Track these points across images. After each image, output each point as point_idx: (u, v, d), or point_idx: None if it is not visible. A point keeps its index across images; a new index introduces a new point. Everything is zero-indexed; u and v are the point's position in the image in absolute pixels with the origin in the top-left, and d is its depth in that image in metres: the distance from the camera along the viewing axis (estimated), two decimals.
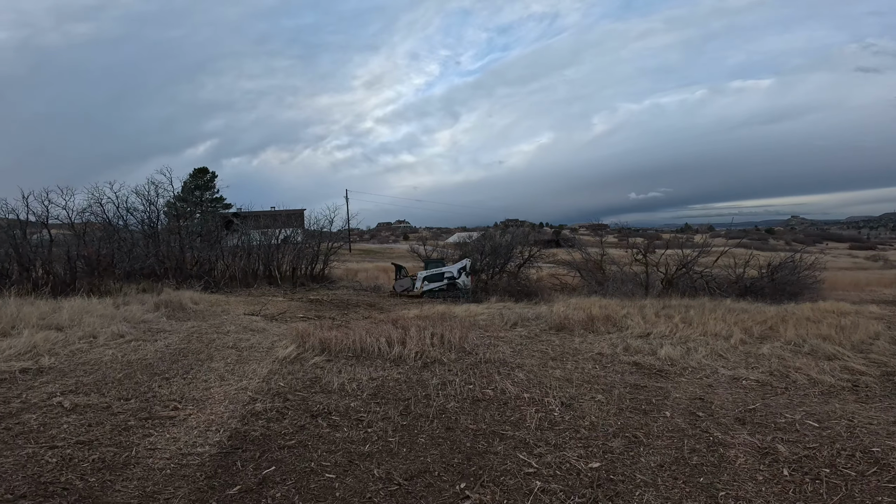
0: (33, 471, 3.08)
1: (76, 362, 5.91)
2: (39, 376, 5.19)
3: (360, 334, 7.93)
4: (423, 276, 19.14)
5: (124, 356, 6.41)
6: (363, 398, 5.22)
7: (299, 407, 4.88)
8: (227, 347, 7.49)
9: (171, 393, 4.99)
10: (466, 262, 19.24)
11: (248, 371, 6.16)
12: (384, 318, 11.28)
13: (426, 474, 3.50)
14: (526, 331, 9.63)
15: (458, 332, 8.39)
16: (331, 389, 5.49)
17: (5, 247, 12.85)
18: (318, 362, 6.76)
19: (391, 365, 6.74)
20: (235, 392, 5.25)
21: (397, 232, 76.02)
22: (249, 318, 10.96)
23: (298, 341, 7.74)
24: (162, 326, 9.01)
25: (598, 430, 4.20)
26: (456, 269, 19.09)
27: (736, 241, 23.69)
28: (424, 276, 19.10)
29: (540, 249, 19.57)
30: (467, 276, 18.87)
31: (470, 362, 6.87)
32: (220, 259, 20.43)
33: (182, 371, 5.92)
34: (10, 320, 7.74)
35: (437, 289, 18.85)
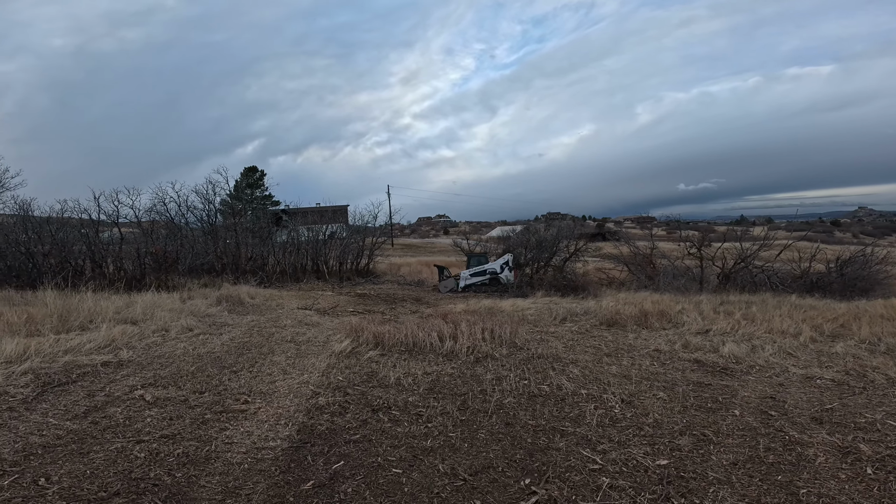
0: (124, 466, 3.17)
1: (152, 355, 6.23)
2: (120, 369, 5.50)
3: (412, 329, 7.99)
4: (466, 274, 19.04)
5: (194, 349, 6.70)
6: (420, 393, 5.25)
7: (359, 401, 4.96)
8: (286, 341, 7.71)
9: (240, 386, 5.18)
10: (509, 257, 19.10)
11: (307, 365, 6.31)
12: (432, 313, 11.34)
13: (490, 469, 3.48)
14: (576, 326, 9.46)
15: (508, 328, 8.33)
16: (388, 384, 5.56)
17: (79, 244, 13.71)
18: (372, 356, 6.87)
19: (444, 360, 6.75)
20: (298, 386, 5.39)
21: (437, 226, 76.20)
22: (303, 312, 11.26)
23: (352, 336, 7.88)
24: (224, 320, 9.38)
25: (664, 428, 4.10)
26: (498, 264, 18.96)
27: (800, 234, 22.33)
28: (468, 274, 19.01)
29: (586, 243, 19.12)
30: (510, 270, 18.70)
31: (522, 357, 6.80)
32: (271, 255, 21.11)
33: (248, 364, 6.13)
34: (88, 314, 8.24)
35: (479, 283, 18.69)
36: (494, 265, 19.06)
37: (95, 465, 3.20)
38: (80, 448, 3.42)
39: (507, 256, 19.25)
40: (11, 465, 3.13)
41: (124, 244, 13.81)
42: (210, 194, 20.52)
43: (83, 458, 3.26)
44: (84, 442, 3.53)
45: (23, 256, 13.10)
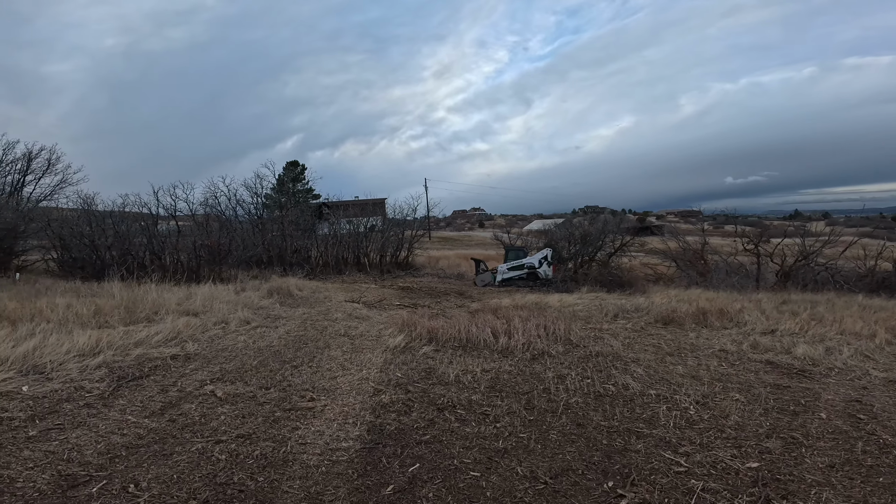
0: (207, 470, 3.13)
1: (216, 348, 6.33)
2: (188, 363, 5.59)
3: (464, 325, 7.87)
4: (503, 268, 18.82)
5: (254, 343, 6.78)
6: (482, 391, 5.12)
7: (422, 399, 4.88)
8: (340, 335, 7.72)
9: (303, 382, 5.17)
10: (548, 252, 18.68)
11: (364, 360, 6.28)
12: (480, 308, 11.21)
13: (570, 472, 3.34)
14: (630, 323, 9.14)
15: (561, 324, 8.11)
16: (447, 381, 5.46)
17: (139, 237, 14.23)
18: (427, 352, 6.78)
19: (500, 356, 6.61)
20: (359, 382, 5.35)
21: (472, 219, 75.83)
22: (351, 305, 11.32)
23: (405, 330, 7.84)
24: (278, 313, 9.51)
25: (747, 431, 3.94)
26: (537, 259, 18.61)
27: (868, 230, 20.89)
28: (505, 268, 18.78)
29: (633, 238, 18.50)
30: (549, 265, 18.33)
31: (580, 355, 6.58)
32: (314, 247, 21.44)
33: (307, 359, 6.14)
34: (153, 306, 8.49)
35: (516, 278, 18.46)
36: (533, 259, 18.72)
37: (180, 468, 3.17)
38: (163, 449, 3.41)
39: (547, 251, 18.80)
40: (98, 468, 3.10)
41: (180, 237, 14.25)
42: (258, 188, 21.03)
43: (167, 461, 3.23)
44: (165, 442, 3.52)
45: (87, 249, 13.70)
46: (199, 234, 14.64)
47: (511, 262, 19.12)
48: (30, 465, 3.10)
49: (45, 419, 3.85)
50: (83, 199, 15.70)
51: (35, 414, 3.93)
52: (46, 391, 4.37)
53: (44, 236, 14.82)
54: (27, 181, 19.15)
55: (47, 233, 14.34)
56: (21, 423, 3.74)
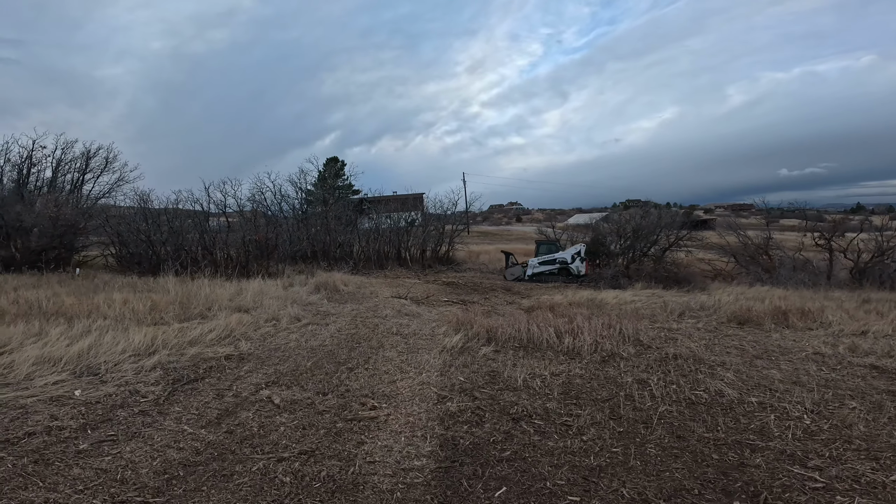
0: (272, 496, 2.77)
1: (268, 348, 6.05)
2: (242, 364, 5.32)
3: (523, 323, 7.37)
4: (534, 262, 18.31)
5: (306, 341, 6.48)
6: (556, 398, 4.62)
7: (492, 407, 4.41)
8: (392, 334, 7.35)
9: (361, 387, 4.79)
10: (581, 247, 18.24)
11: (421, 362, 5.87)
12: (534, 305, 10.66)
13: (684, 492, 2.89)
14: (700, 323, 8.44)
15: (628, 323, 7.49)
16: (515, 386, 4.98)
17: (192, 233, 14.36)
18: (487, 353, 6.31)
19: (566, 358, 6.08)
20: (420, 387, 4.93)
21: (509, 214, 74.72)
22: (398, 301, 10.98)
23: (459, 329, 7.39)
24: (327, 309, 9.26)
25: (880, 441, 3.54)
26: (570, 253, 18.09)
27: None
28: (536, 262, 18.28)
29: (689, 232, 17.40)
30: (581, 261, 17.80)
31: (654, 358, 6.00)
32: (355, 242, 21.31)
33: (362, 360, 5.78)
34: (206, 302, 8.36)
35: (547, 272, 17.96)
36: (566, 254, 18.16)
37: (243, 492, 2.81)
38: (222, 467, 3.06)
39: (580, 246, 18.36)
40: (154, 493, 2.77)
41: (230, 232, 14.31)
42: (302, 182, 21.08)
43: (228, 484, 2.86)
44: (224, 459, 3.17)
45: (143, 244, 13.92)
46: (248, 229, 14.65)
47: (543, 256, 18.62)
48: (79, 488, 2.77)
49: (97, 428, 3.57)
50: (139, 195, 16.06)
51: (87, 423, 3.66)
52: (100, 396, 4.13)
53: (103, 232, 15.19)
54: (86, 179, 19.81)
55: (106, 229, 14.68)
56: (72, 434, 3.46)
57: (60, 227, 13.89)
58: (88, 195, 19.24)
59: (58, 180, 19.37)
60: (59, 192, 17.98)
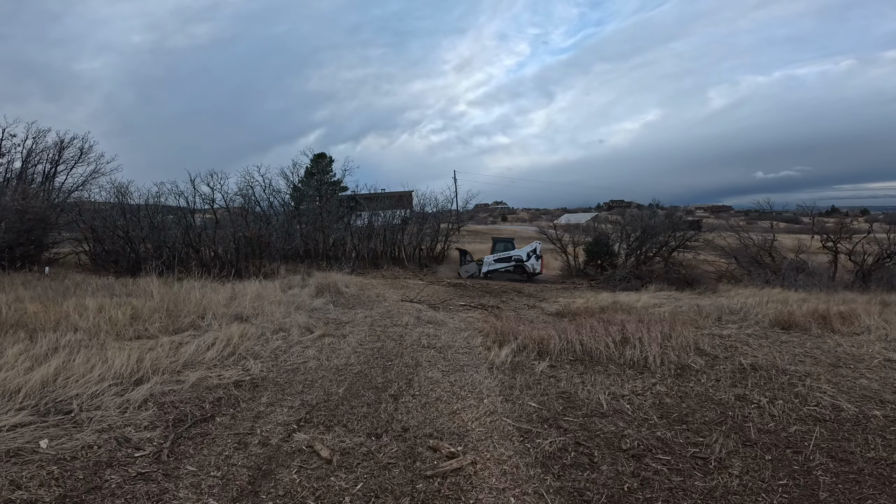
0: None
1: (284, 369, 4.84)
2: (258, 393, 4.10)
3: (571, 333, 6.35)
4: (490, 259, 18.06)
5: (328, 360, 5.28)
6: (657, 422, 3.89)
7: (594, 441, 3.50)
8: (423, 347, 6.21)
9: (419, 423, 3.65)
10: (537, 245, 18.26)
11: (473, 383, 4.77)
12: (561, 310, 9.64)
13: None
14: (749, 329, 7.81)
15: (683, 330, 6.57)
16: (602, 411, 4.16)
17: (174, 229, 12.90)
18: (544, 370, 5.30)
19: (634, 372, 5.37)
20: (490, 419, 3.85)
21: (495, 213, 73.97)
22: (411, 305, 9.82)
23: (502, 341, 6.33)
24: (337, 316, 8.04)
25: None
26: (525, 252, 17.93)
27: None
28: (492, 259, 18.03)
29: (697, 233, 16.70)
30: (537, 259, 17.77)
31: (731, 369, 5.40)
32: (349, 240, 20.01)
33: (403, 384, 4.63)
34: (198, 308, 7.06)
35: (502, 270, 17.73)
36: (521, 252, 18.00)
37: None
38: None
39: (536, 244, 18.35)
40: None
41: (218, 228, 12.89)
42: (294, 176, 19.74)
43: None
44: None
45: (121, 241, 12.41)
46: (239, 225, 13.24)
47: (498, 253, 18.35)
48: None
49: None
50: (117, 187, 14.43)
51: (65, 494, 2.45)
52: (76, 448, 2.87)
53: (75, 228, 13.59)
54: (59, 171, 17.96)
55: (79, 224, 13.10)
56: None
57: (28, 221, 12.28)
58: (61, 188, 17.45)
59: (27, 171, 17.54)
60: (29, 183, 16.20)
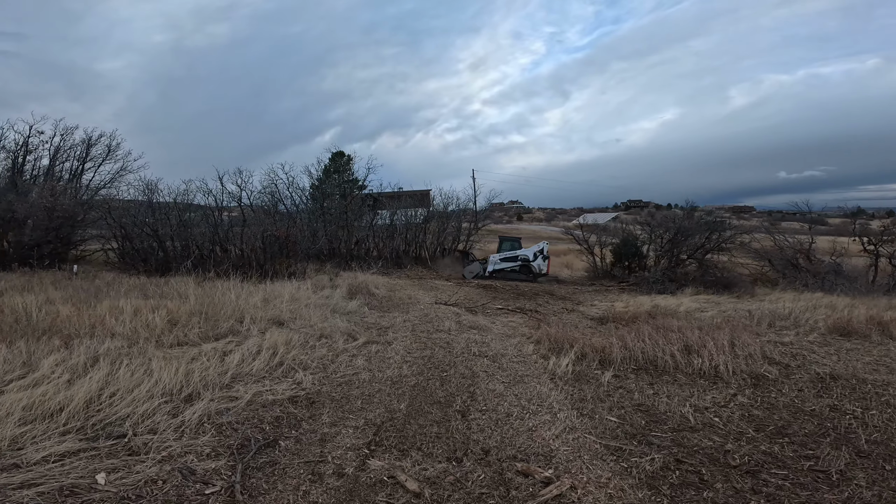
0: None
1: (336, 381, 4.46)
2: (316, 410, 3.72)
3: (631, 340, 5.91)
4: (495, 259, 17.54)
5: (379, 370, 4.89)
6: (754, 435, 3.61)
7: (696, 457, 3.25)
8: (474, 355, 5.80)
9: (498, 443, 3.24)
10: (544, 245, 17.84)
11: (540, 395, 4.38)
12: (604, 315, 9.16)
13: None
14: (811, 335, 7.46)
15: (747, 338, 6.09)
16: (690, 425, 3.83)
17: (202, 227, 12.63)
18: (610, 380, 4.91)
19: (707, 382, 5.02)
20: (572, 436, 3.48)
21: (510, 212, 73.26)
22: (448, 308, 9.41)
23: (559, 348, 5.91)
24: (375, 321, 7.67)
25: None
26: (532, 251, 17.44)
27: None
28: (497, 258, 17.51)
29: (735, 235, 16.03)
30: (544, 259, 17.28)
31: (807, 378, 5.11)
32: (370, 239, 19.68)
33: (466, 397, 4.22)
34: (235, 311, 6.75)
35: (508, 269, 17.22)
36: (528, 252, 17.47)
37: None
38: None
39: (543, 244, 17.96)
40: None
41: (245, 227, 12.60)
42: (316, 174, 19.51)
43: None
44: None
45: (150, 239, 12.18)
46: (268, 223, 12.93)
47: (504, 252, 17.88)
48: None
49: None
50: (146, 184, 14.20)
51: None
52: (138, 482, 2.49)
53: (104, 225, 13.41)
54: (86, 168, 17.85)
55: (108, 221, 12.91)
56: None
57: (57, 218, 12.12)
58: (88, 185, 17.36)
59: (55, 169, 17.47)
60: (57, 180, 16.11)
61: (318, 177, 27.84)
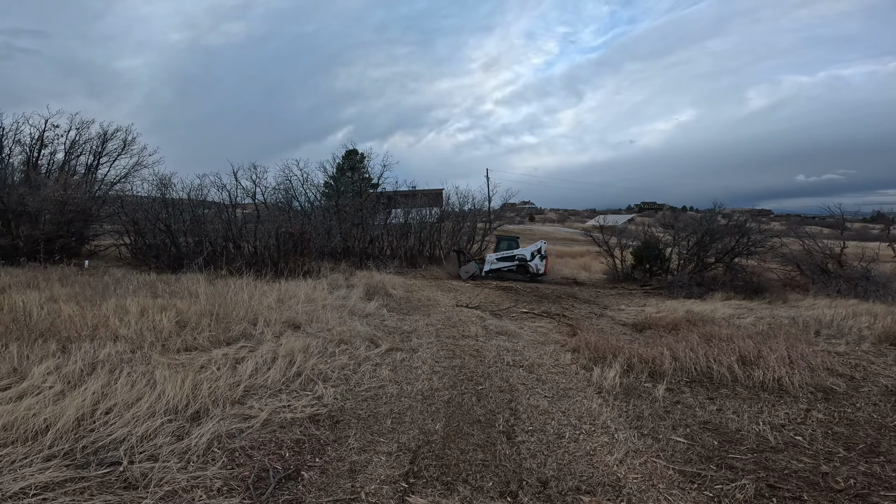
0: None
1: (361, 395, 3.96)
2: (341, 431, 3.22)
3: (682, 350, 5.34)
4: (492, 258, 16.99)
5: (407, 383, 4.38)
6: (847, 455, 3.18)
7: (789, 481, 2.83)
8: (508, 365, 5.27)
9: (557, 473, 2.70)
10: (542, 245, 17.44)
11: (590, 412, 3.85)
12: (640, 322, 8.56)
13: None
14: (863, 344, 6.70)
15: (804, 348, 5.49)
16: (770, 445, 3.33)
17: (216, 223, 12.24)
18: (664, 395, 4.36)
19: (771, 396, 4.49)
20: (638, 461, 2.98)
21: (522, 213, 72.47)
22: (470, 312, 8.88)
23: (603, 358, 5.36)
24: (395, 324, 7.16)
25: None
26: (529, 251, 16.98)
27: None
28: (494, 258, 16.98)
29: (768, 237, 15.30)
30: (541, 259, 16.85)
31: (877, 391, 4.63)
32: (385, 238, 19.25)
33: (508, 415, 3.69)
34: (247, 312, 6.28)
35: (505, 269, 16.74)
36: (525, 251, 17.01)
37: None
38: None
39: (541, 243, 17.57)
40: None
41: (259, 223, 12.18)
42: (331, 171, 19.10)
43: None
44: None
45: (163, 234, 11.81)
46: (282, 220, 12.49)
47: (501, 252, 17.35)
48: None
49: None
50: (160, 179, 13.86)
51: None
52: None
53: (117, 220, 13.09)
54: (101, 163, 17.59)
55: (121, 216, 12.57)
56: None
57: (69, 212, 11.81)
58: (103, 180, 17.10)
59: (70, 163, 17.22)
60: (71, 175, 15.84)
61: (332, 174, 27.53)
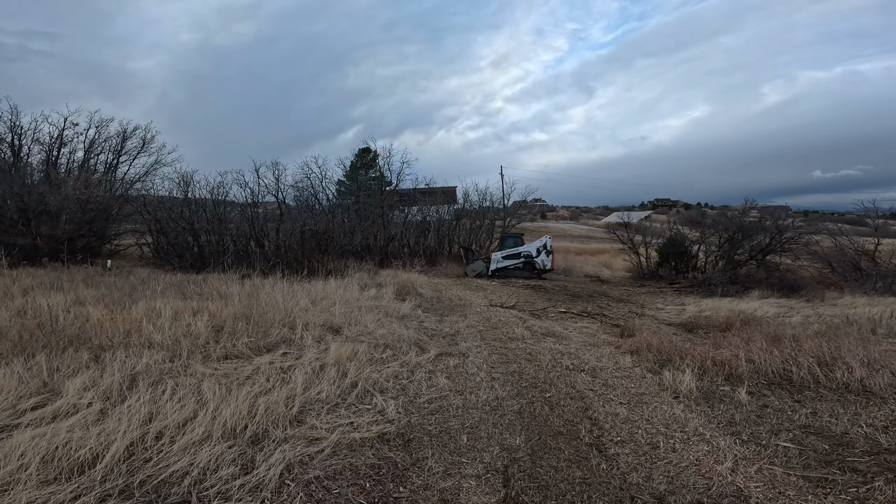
0: None
1: (425, 408, 3.54)
2: (417, 453, 2.81)
3: (758, 353, 4.88)
4: (498, 257, 16.58)
5: (470, 393, 3.95)
6: None
7: None
8: (567, 369, 4.83)
9: (669, 488, 2.31)
10: (546, 240, 17.07)
11: (676, 419, 3.44)
12: (688, 321, 8.08)
13: None
14: None
15: (875, 349, 5.01)
16: (884, 447, 2.99)
17: (240, 221, 11.91)
18: (746, 399, 3.91)
19: (862, 398, 4.06)
20: (753, 468, 2.61)
21: (534, 210, 71.68)
22: (507, 312, 8.45)
23: (667, 362, 4.92)
24: (435, 326, 6.75)
25: None
26: (535, 247, 16.67)
27: None
28: (500, 256, 16.59)
29: (801, 234, 14.70)
30: (547, 255, 16.56)
31: None
32: (403, 236, 18.90)
33: (589, 424, 3.27)
34: (286, 315, 5.90)
35: (512, 267, 16.37)
36: (530, 248, 16.70)
37: None
38: None
39: (546, 239, 17.22)
40: None
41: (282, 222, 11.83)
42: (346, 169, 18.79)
43: None
44: None
45: (185, 233, 11.50)
46: (305, 217, 12.15)
47: (507, 249, 16.98)
48: None
49: None
50: (181, 176, 13.57)
51: None
52: None
53: (138, 219, 12.82)
54: (121, 161, 17.40)
55: (143, 215, 12.30)
56: None
57: (90, 211, 11.55)
58: (123, 178, 16.88)
59: (90, 162, 17.03)
60: (91, 173, 15.64)
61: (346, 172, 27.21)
